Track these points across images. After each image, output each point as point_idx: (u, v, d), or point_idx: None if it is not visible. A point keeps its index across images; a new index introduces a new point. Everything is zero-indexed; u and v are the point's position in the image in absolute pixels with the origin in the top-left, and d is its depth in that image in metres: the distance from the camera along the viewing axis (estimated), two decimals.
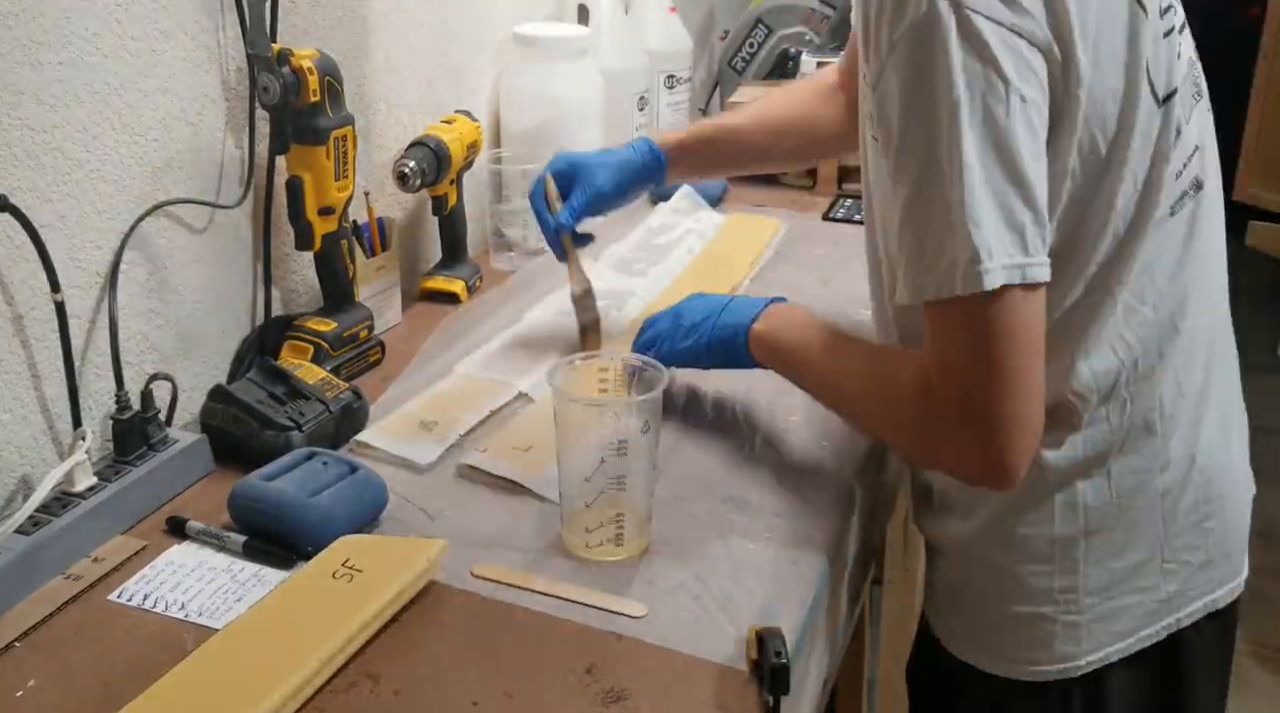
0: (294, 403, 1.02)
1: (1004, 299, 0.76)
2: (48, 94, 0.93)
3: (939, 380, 0.81)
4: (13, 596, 0.83)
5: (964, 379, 0.80)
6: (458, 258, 1.43)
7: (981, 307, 0.76)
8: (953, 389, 0.80)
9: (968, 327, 0.78)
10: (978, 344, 0.78)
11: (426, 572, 0.85)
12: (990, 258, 0.75)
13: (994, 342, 0.78)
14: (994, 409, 0.78)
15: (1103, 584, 0.92)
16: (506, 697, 0.75)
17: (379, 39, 1.33)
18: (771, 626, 0.77)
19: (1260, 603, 2.49)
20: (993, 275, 0.75)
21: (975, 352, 0.78)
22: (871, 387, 0.92)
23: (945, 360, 0.81)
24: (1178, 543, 0.93)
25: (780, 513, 0.95)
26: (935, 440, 0.85)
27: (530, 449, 1.02)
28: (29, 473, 0.95)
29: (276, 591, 0.84)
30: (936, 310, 0.80)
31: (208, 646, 0.77)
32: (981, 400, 0.79)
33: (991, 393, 0.78)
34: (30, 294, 0.93)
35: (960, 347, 0.79)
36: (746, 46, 2.05)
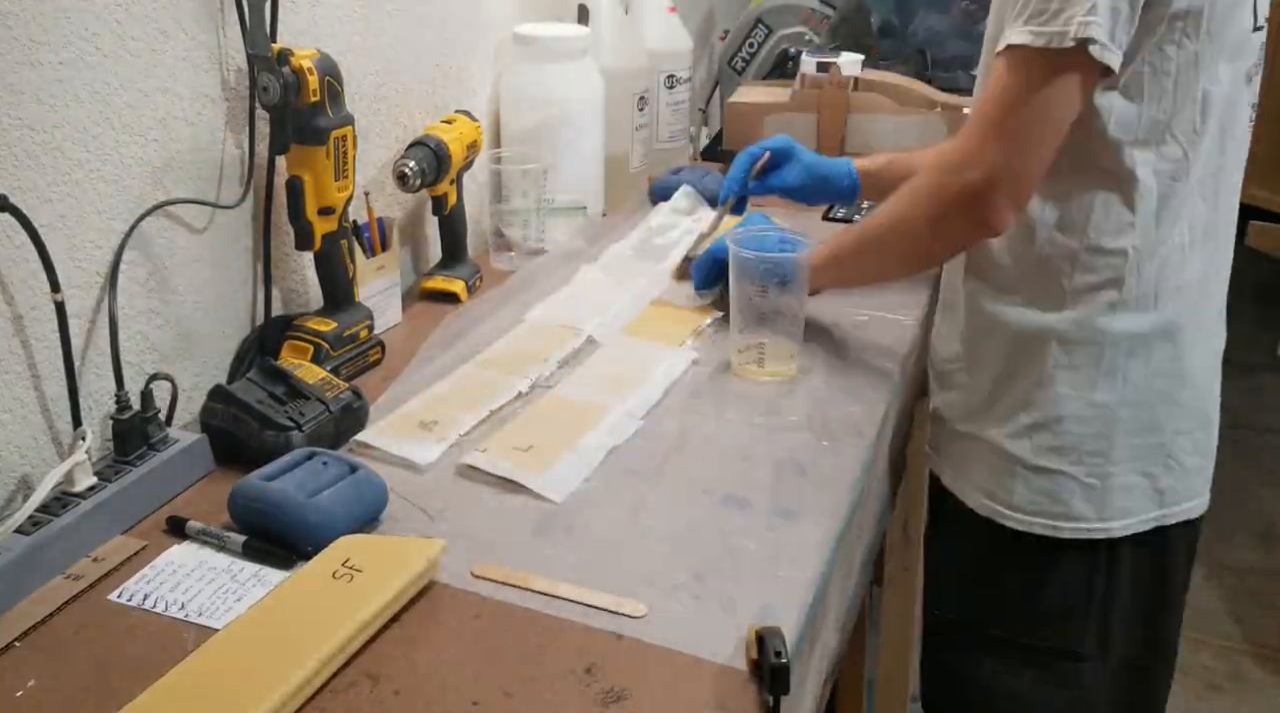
0: (294, 403, 1.02)
1: (1079, 65, 0.91)
2: (47, 94, 0.93)
3: (969, 124, 0.99)
4: (13, 596, 0.83)
5: (989, 123, 0.97)
6: (458, 258, 1.43)
7: (1055, 61, 0.92)
8: (974, 132, 0.98)
9: (1031, 74, 0.93)
10: (1024, 95, 0.94)
11: (426, 572, 0.85)
12: (1100, 18, 0.89)
13: (1038, 100, 0.94)
14: (999, 155, 0.96)
15: (1124, 456, 1.05)
16: (506, 697, 0.75)
17: (379, 39, 1.33)
18: (771, 626, 0.77)
19: (1260, 603, 2.50)
20: (1091, 29, 0.89)
21: (1017, 101, 0.95)
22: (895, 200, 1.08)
23: (987, 104, 0.97)
24: (1179, 442, 1.07)
25: (780, 513, 0.95)
26: (943, 187, 1.00)
27: (530, 449, 1.02)
28: (29, 473, 0.95)
29: (276, 591, 0.84)
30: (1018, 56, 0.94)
31: (208, 646, 0.77)
32: (992, 144, 0.96)
33: (1005, 141, 0.95)
34: (30, 294, 0.93)
35: (1009, 92, 0.95)
36: (746, 46, 2.05)
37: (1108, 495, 1.06)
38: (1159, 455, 1.06)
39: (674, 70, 1.82)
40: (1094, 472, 1.05)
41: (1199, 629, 2.40)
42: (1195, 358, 1.06)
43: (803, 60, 1.75)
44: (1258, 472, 2.95)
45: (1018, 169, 0.96)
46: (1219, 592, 2.52)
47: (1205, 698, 2.27)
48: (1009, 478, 1.08)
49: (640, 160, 1.76)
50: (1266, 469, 2.97)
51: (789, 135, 1.38)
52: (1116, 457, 1.05)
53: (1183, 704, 2.24)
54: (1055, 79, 0.93)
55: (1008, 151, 0.96)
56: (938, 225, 1.03)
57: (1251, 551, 2.68)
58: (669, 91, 1.83)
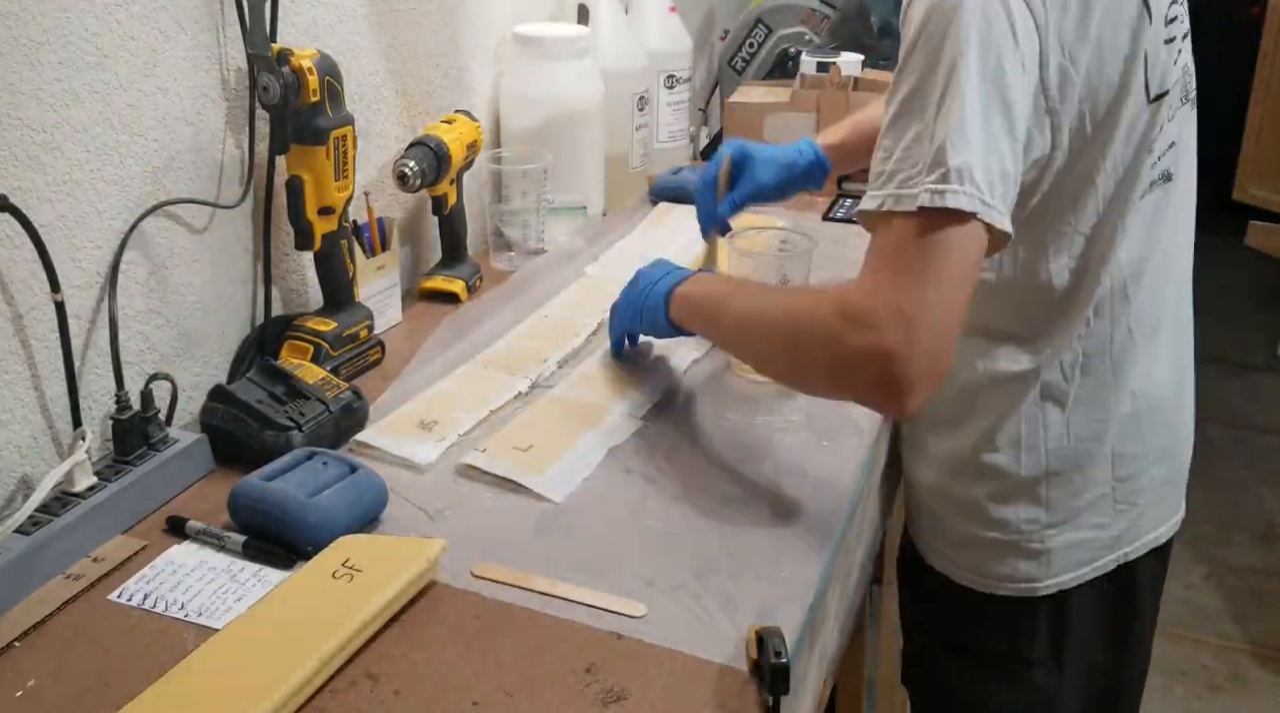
0: (294, 403, 1.02)
1: (964, 230, 0.81)
2: (47, 94, 0.92)
3: (867, 287, 0.83)
4: (13, 596, 0.83)
5: (893, 287, 0.82)
6: (458, 258, 1.43)
7: (941, 225, 0.81)
8: (880, 294, 0.82)
9: (914, 243, 0.81)
10: (923, 258, 0.81)
11: (426, 572, 0.85)
12: (965, 183, 0.80)
13: (938, 261, 0.81)
14: (908, 333, 0.80)
15: (1062, 519, 1.04)
16: (506, 697, 0.75)
17: (379, 39, 1.33)
18: (771, 626, 0.77)
19: (1260, 603, 2.50)
20: (959, 197, 0.80)
21: (916, 264, 0.81)
22: (787, 308, 0.94)
23: (881, 267, 0.84)
24: (1126, 486, 1.05)
25: (780, 513, 0.95)
26: (844, 350, 0.84)
27: (530, 449, 1.02)
28: (29, 473, 0.95)
29: (275, 591, 0.84)
30: (893, 223, 0.83)
31: (207, 646, 0.77)
32: (906, 308, 0.80)
33: (913, 317, 0.80)
34: (30, 294, 0.93)
35: (899, 263, 0.82)
36: (746, 46, 2.05)
37: (1052, 556, 1.05)
38: (1105, 507, 1.05)
39: (674, 70, 1.82)
40: (1034, 538, 1.05)
41: (1199, 629, 2.41)
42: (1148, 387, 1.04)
43: (803, 60, 1.75)
44: (1258, 472, 2.95)
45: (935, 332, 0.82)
46: (1219, 592, 2.52)
47: (1205, 698, 2.27)
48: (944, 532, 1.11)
49: (640, 160, 1.76)
50: (1266, 469, 2.97)
51: (740, 138, 1.31)
52: (1053, 522, 1.04)
53: (1183, 704, 2.24)
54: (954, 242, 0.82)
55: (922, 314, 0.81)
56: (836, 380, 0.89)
57: (1251, 551, 2.69)
58: (669, 91, 1.83)
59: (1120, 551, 1.07)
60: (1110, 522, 1.05)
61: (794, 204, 1.70)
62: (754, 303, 0.99)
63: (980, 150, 0.80)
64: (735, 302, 1.01)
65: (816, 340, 0.87)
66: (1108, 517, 1.05)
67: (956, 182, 0.80)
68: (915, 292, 0.81)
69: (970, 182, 0.80)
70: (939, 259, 0.81)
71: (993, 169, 0.81)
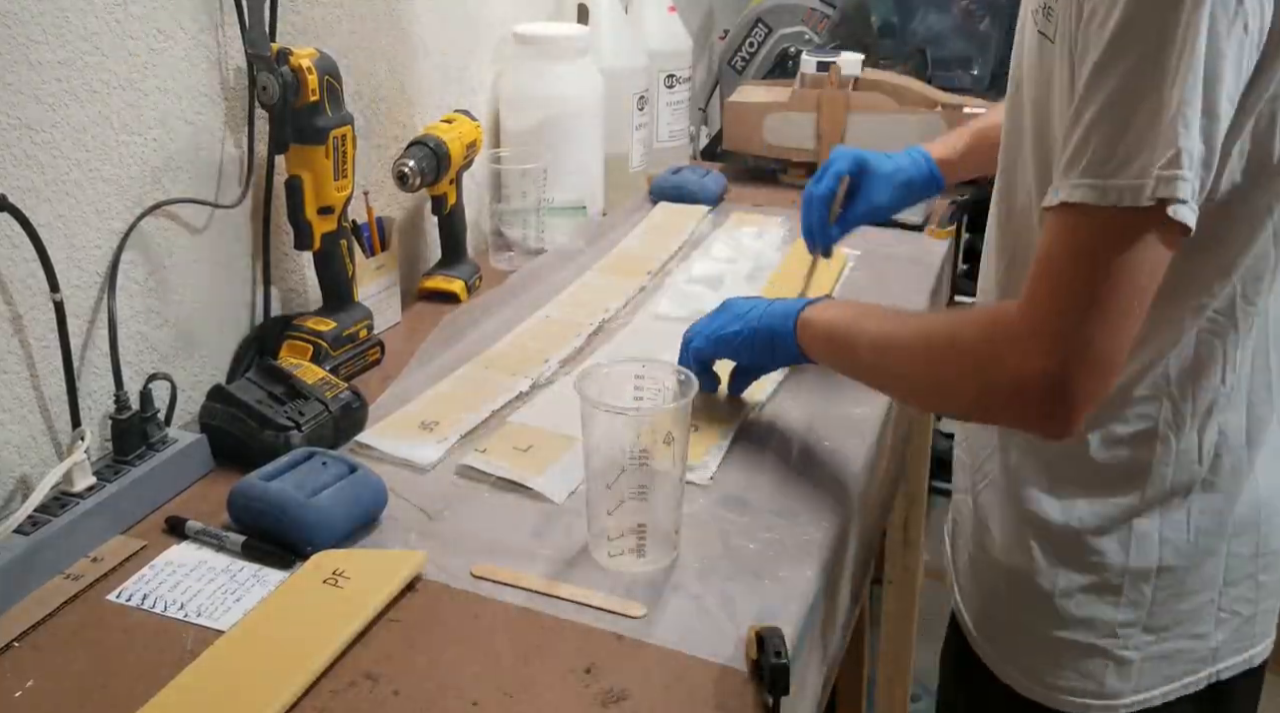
0: (293, 403, 1.02)
1: (1169, 225, 0.70)
2: (46, 93, 0.92)
3: (1030, 291, 0.74)
4: (12, 596, 0.83)
5: (1061, 290, 0.73)
6: (457, 257, 1.43)
7: (1148, 221, 0.70)
8: (1042, 300, 0.74)
9: (1119, 239, 0.71)
10: (1118, 261, 0.71)
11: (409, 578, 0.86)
12: (1187, 169, 0.69)
13: (1132, 267, 0.71)
14: (1087, 337, 0.72)
15: (1163, 624, 0.89)
16: (506, 697, 0.75)
17: (378, 38, 1.33)
18: (771, 626, 0.77)
19: None
20: (1187, 186, 0.69)
21: (1105, 270, 0.71)
22: (929, 330, 0.85)
23: (1052, 267, 0.74)
24: (1234, 592, 0.90)
25: (780, 513, 0.95)
26: (997, 362, 0.76)
27: (530, 449, 1.02)
28: (28, 473, 0.95)
29: (263, 603, 0.83)
30: (1096, 217, 0.71)
31: (200, 661, 0.77)
32: (1069, 317, 0.72)
33: (1085, 312, 0.71)
34: (29, 294, 0.93)
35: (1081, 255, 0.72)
36: (746, 46, 2.05)
37: (1143, 667, 0.90)
38: (1208, 615, 0.90)
39: (674, 70, 1.83)
40: (1126, 644, 0.90)
41: None
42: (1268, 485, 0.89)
43: (803, 60, 1.75)
44: None
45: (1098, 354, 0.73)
46: None
47: None
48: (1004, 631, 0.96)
49: (640, 160, 1.76)
50: None
51: (845, 146, 1.23)
52: (1154, 626, 0.89)
53: None
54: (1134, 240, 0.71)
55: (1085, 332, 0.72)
56: (987, 411, 0.83)
57: None
58: (669, 91, 1.83)
59: (1215, 666, 0.91)
60: (1210, 632, 0.90)
61: (795, 204, 1.68)
62: (888, 330, 0.90)
63: (1197, 133, 0.69)
64: (867, 327, 0.92)
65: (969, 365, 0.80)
66: (1208, 626, 0.90)
67: (1185, 166, 0.68)
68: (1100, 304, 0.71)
69: (1191, 166, 0.69)
70: (1133, 265, 0.71)
71: (1195, 157, 0.70)
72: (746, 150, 1.80)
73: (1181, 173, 0.69)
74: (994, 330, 0.78)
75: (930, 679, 2.00)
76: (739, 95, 1.82)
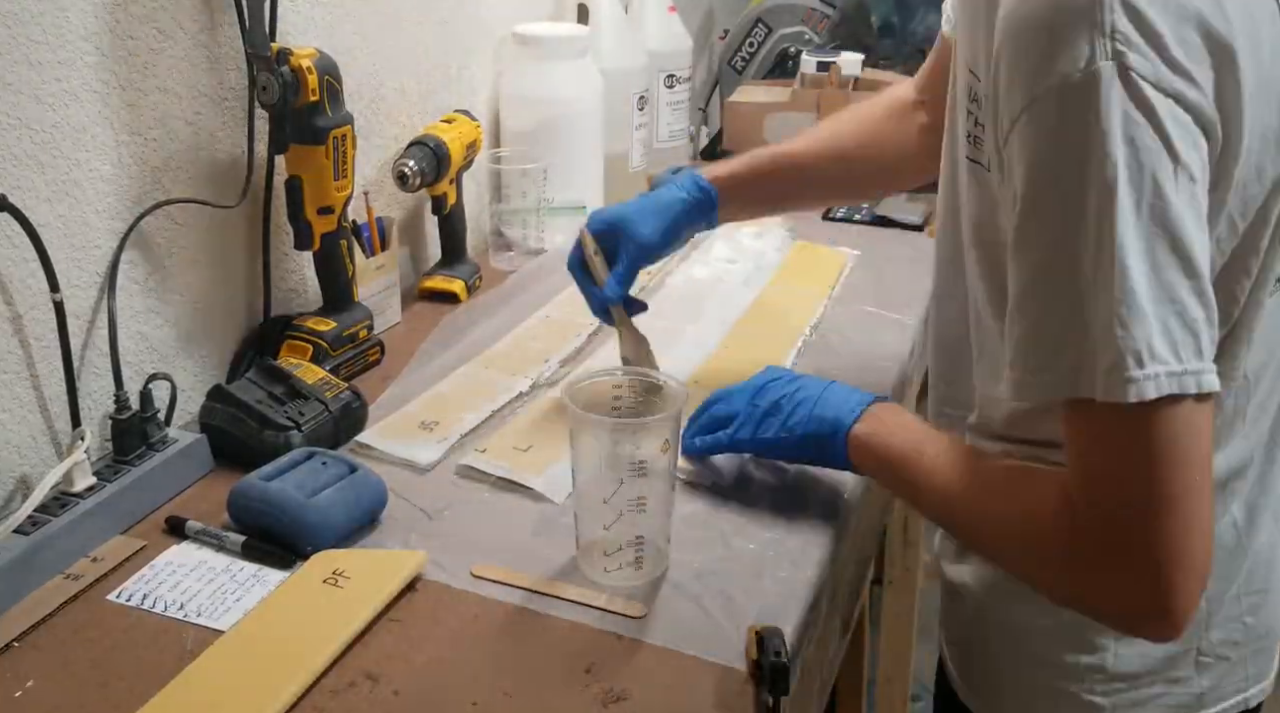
0: (293, 403, 1.02)
1: (1170, 411, 0.65)
2: (46, 93, 0.92)
3: (1084, 500, 0.70)
4: (12, 596, 0.83)
5: (1116, 501, 0.68)
6: (457, 257, 1.43)
7: (1139, 417, 0.65)
8: (1101, 512, 0.69)
9: (1119, 438, 0.67)
10: (1133, 461, 0.67)
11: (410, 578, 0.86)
12: (1146, 364, 0.64)
13: (1154, 460, 0.66)
14: (1153, 538, 0.66)
15: (1132, 671, 0.85)
16: (506, 697, 0.75)
17: (379, 38, 1.33)
18: (771, 626, 0.77)
19: None
20: (1145, 385, 0.64)
21: (1129, 469, 0.67)
22: (1001, 509, 0.78)
23: (1091, 476, 0.69)
24: (1217, 635, 0.85)
25: (780, 513, 0.95)
26: (1082, 576, 0.71)
27: (530, 449, 1.02)
28: (28, 473, 0.95)
29: (264, 602, 0.83)
30: (1078, 414, 0.68)
31: (200, 661, 0.77)
32: (1138, 528, 0.67)
33: (1149, 520, 0.66)
34: (29, 294, 0.93)
35: (1110, 462, 0.68)
36: (746, 46, 2.04)
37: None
38: (1187, 661, 0.85)
39: (674, 70, 1.82)
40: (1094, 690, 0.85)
41: None
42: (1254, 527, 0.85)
43: (803, 60, 1.75)
44: None
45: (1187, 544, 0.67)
46: None
47: None
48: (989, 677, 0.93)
49: (640, 160, 1.76)
50: None
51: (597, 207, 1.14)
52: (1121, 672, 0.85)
53: None
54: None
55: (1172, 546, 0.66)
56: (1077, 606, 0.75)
57: None
58: (669, 91, 1.83)
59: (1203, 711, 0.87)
60: (1192, 677, 0.85)
61: None
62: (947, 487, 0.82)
63: (1156, 317, 0.64)
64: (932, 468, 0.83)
65: (1049, 553, 0.74)
66: (1188, 671, 0.85)
67: (1136, 366, 0.64)
68: (1150, 510, 0.66)
69: (1154, 360, 0.64)
70: (1164, 460, 0.66)
71: (1173, 328, 0.65)
72: (746, 150, 1.79)
73: (1130, 375, 0.64)
74: (1075, 538, 0.71)
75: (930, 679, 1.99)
76: (739, 95, 1.82)
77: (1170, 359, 0.64)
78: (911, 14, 2.05)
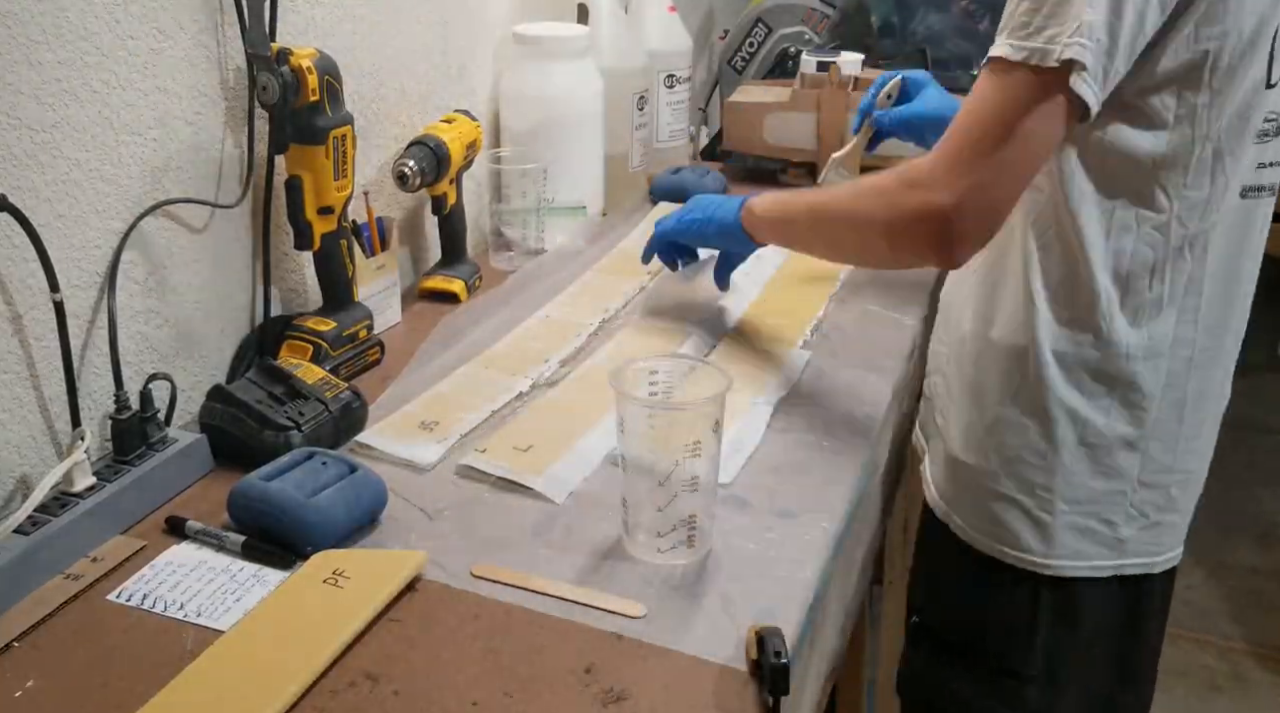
0: (293, 403, 1.02)
1: (1059, 95, 0.84)
2: (46, 93, 0.92)
3: (944, 140, 0.90)
4: (12, 596, 0.83)
5: (969, 142, 0.88)
6: (457, 257, 1.43)
7: (1050, 86, 0.84)
8: (951, 148, 0.89)
9: (1013, 96, 0.86)
10: (1006, 117, 0.86)
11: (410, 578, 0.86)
12: (1087, 40, 0.82)
13: (1034, 120, 0.86)
14: (977, 176, 0.88)
15: (1077, 497, 1.00)
16: (506, 697, 0.75)
17: (379, 39, 1.33)
18: (771, 626, 0.77)
19: (1260, 604, 2.50)
20: (1075, 50, 0.82)
21: (1000, 123, 0.87)
22: (857, 184, 1.02)
23: (966, 121, 0.89)
24: (1146, 494, 1.01)
25: (780, 513, 0.95)
26: (905, 195, 0.92)
27: (530, 449, 1.02)
28: (28, 473, 0.95)
29: (264, 602, 0.83)
30: (1012, 76, 0.86)
31: (201, 661, 0.77)
32: (971, 165, 0.87)
33: (984, 162, 0.87)
34: (29, 294, 0.93)
35: (992, 113, 0.87)
36: (746, 46, 2.05)
37: (1056, 533, 1.01)
38: (1119, 505, 1.01)
39: (674, 70, 1.82)
40: (1043, 506, 1.01)
41: (1199, 629, 2.40)
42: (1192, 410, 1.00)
43: (803, 60, 1.75)
44: (1258, 472, 2.95)
45: (989, 207, 0.89)
46: (1219, 592, 2.52)
47: (1205, 698, 2.26)
48: (964, 492, 1.06)
49: (640, 160, 1.76)
50: (1266, 469, 2.97)
51: None
52: (1068, 496, 1.00)
53: (1183, 704, 2.24)
54: (1038, 103, 0.85)
55: (981, 178, 0.88)
56: (894, 240, 0.96)
57: (1251, 551, 2.68)
58: (669, 91, 1.83)
59: (1121, 560, 1.03)
60: (1120, 523, 1.01)
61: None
62: (822, 196, 1.10)
63: (1103, 17, 0.82)
64: (804, 198, 1.12)
65: (883, 201, 0.95)
66: (1119, 517, 1.01)
67: (1087, 36, 0.82)
68: (998, 157, 0.87)
69: (1093, 38, 0.82)
70: (1031, 128, 0.86)
71: (1099, 34, 0.82)
72: (746, 150, 1.80)
73: (1084, 40, 0.82)
74: (908, 173, 0.93)
75: None
76: (739, 95, 1.82)
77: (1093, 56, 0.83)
78: (911, 14, 2.05)
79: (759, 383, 1.14)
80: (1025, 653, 1.06)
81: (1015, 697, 1.08)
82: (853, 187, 1.03)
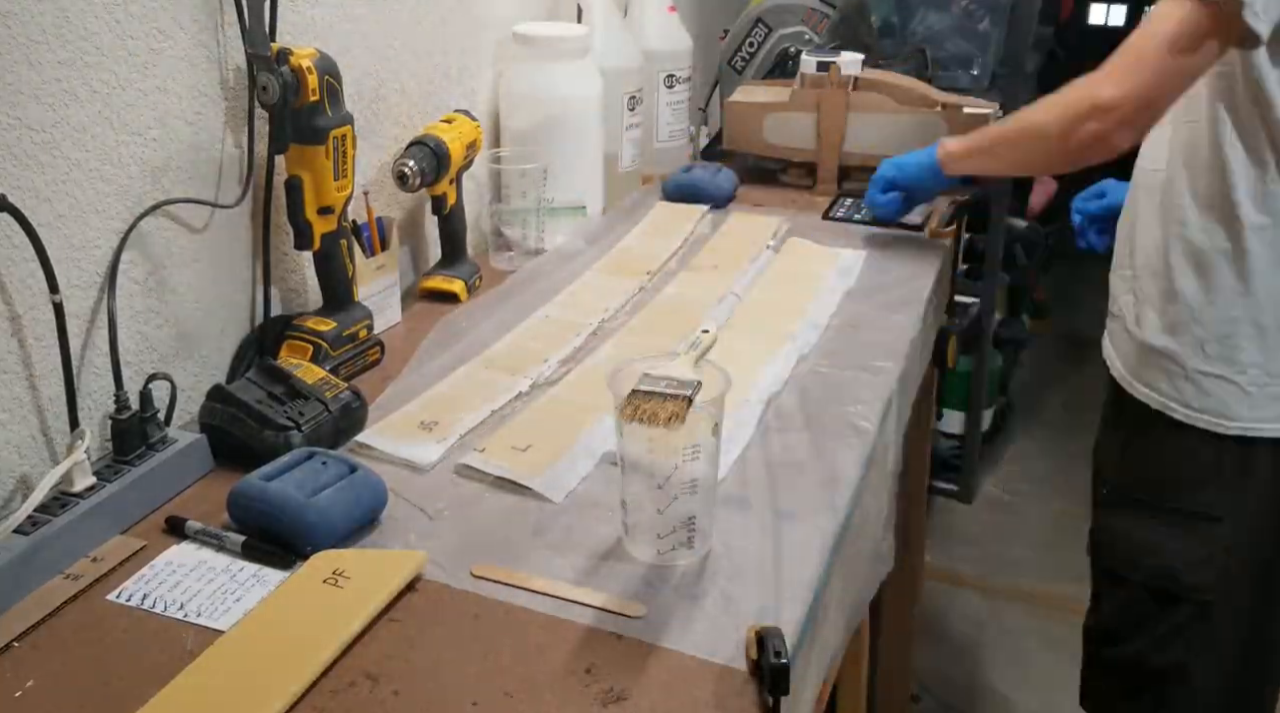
0: (293, 403, 1.02)
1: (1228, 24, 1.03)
2: (46, 93, 0.92)
3: (1120, 53, 1.09)
4: (12, 596, 0.83)
5: (1142, 56, 1.08)
6: (457, 257, 1.43)
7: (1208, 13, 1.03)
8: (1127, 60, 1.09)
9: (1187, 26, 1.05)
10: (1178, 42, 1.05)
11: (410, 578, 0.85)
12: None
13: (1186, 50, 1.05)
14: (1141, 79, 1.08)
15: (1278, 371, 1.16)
16: (506, 697, 0.75)
17: (379, 39, 1.33)
18: (771, 626, 0.77)
19: None
20: None
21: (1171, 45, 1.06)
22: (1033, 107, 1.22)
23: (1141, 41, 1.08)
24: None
25: (780, 513, 0.95)
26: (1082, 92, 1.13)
27: (530, 449, 1.02)
28: (28, 473, 0.95)
29: (264, 602, 0.83)
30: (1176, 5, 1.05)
31: (201, 660, 0.77)
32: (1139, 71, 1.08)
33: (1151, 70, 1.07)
34: (29, 294, 0.93)
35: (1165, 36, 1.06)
36: (746, 46, 2.04)
37: (1258, 400, 1.16)
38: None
39: (674, 70, 1.82)
40: (1254, 381, 1.16)
41: None
42: None
43: (803, 60, 1.75)
44: None
45: (1147, 102, 1.09)
46: None
47: None
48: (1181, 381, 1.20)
49: (631, 160, 1.75)
50: None
51: None
52: (1274, 369, 1.16)
53: None
54: (1206, 38, 1.04)
55: (1145, 85, 1.08)
56: (1066, 138, 1.15)
57: None
58: (669, 91, 1.83)
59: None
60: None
61: (794, 204, 1.71)
62: (1005, 121, 1.32)
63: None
64: (990, 129, 1.38)
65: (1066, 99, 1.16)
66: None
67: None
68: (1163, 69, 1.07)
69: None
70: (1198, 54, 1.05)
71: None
72: (747, 150, 1.80)
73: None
74: (1079, 81, 1.14)
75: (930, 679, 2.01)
76: (739, 95, 1.82)
77: None
78: (911, 14, 2.06)
79: (751, 381, 1.14)
80: (1216, 492, 1.20)
81: (1209, 536, 1.21)
82: (1030, 107, 1.23)
